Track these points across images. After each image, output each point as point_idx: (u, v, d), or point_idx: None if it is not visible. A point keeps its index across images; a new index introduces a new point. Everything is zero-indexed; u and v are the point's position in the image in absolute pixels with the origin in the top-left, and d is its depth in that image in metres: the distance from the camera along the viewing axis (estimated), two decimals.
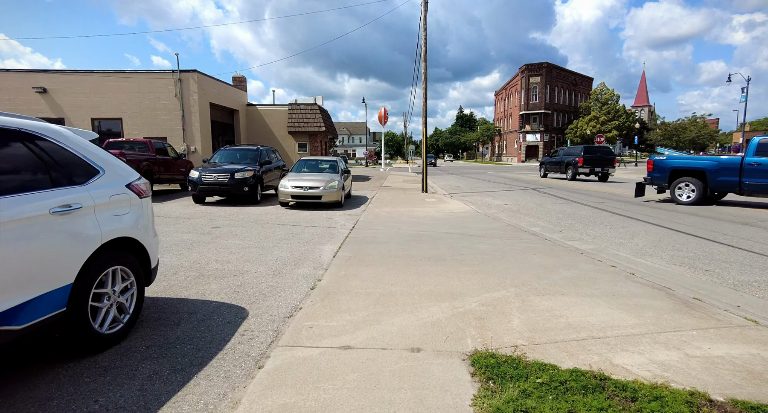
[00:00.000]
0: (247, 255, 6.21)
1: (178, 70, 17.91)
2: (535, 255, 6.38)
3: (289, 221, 9.52)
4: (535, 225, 9.22)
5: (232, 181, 11.87)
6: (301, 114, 23.50)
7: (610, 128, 59.48)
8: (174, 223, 8.94)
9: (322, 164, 13.58)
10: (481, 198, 15.43)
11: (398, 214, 10.79)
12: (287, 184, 11.56)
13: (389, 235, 7.94)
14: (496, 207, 12.49)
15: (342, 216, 10.52)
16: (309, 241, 7.33)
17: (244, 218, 9.83)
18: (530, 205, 12.93)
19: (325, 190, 11.48)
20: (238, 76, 26.55)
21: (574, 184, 22.06)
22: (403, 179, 26.43)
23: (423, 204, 13.13)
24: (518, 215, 10.99)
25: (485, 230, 8.52)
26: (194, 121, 18.26)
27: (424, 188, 17.35)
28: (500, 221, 9.73)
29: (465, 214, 10.84)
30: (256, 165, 12.95)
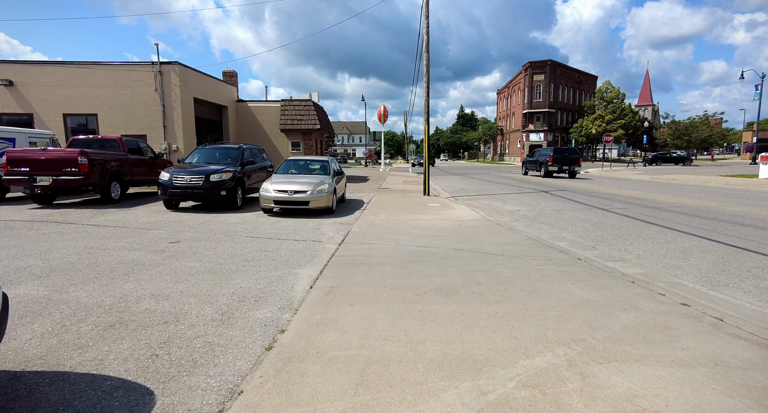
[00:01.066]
0: (197, 286, 4.72)
1: (158, 62, 16.42)
2: (575, 284, 4.89)
3: (267, 233, 8.04)
4: (561, 238, 7.74)
5: (207, 183, 10.39)
6: (295, 110, 22.01)
7: (615, 127, 57.91)
8: (127, 236, 7.45)
9: (311, 165, 12.09)
10: (489, 202, 13.94)
11: (397, 223, 9.30)
12: (269, 188, 10.08)
13: (385, 252, 6.46)
14: (509, 214, 11.00)
15: (332, 225, 9.04)
16: (284, 262, 5.85)
17: (214, 229, 8.35)
18: (547, 211, 11.43)
19: (314, 195, 9.99)
20: (229, 71, 25.06)
21: (586, 185, 20.57)
22: (403, 180, 24.95)
23: (425, 209, 11.64)
24: (536, 224, 9.50)
25: (502, 246, 7.03)
26: (176, 118, 16.78)
27: (426, 190, 15.87)
28: (518, 233, 8.24)
29: (474, 223, 9.35)
30: (237, 165, 11.46)
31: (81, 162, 10.50)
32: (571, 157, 26.86)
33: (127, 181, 12.45)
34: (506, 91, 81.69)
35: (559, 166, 26.74)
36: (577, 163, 26.80)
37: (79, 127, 16.72)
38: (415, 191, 17.58)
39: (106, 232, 7.74)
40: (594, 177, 29.01)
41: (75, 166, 10.48)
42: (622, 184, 21.24)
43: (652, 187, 18.96)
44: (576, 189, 18.50)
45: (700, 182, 21.69)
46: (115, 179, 11.76)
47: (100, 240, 7.01)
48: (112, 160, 11.75)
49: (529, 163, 30.61)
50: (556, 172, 27.14)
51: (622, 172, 33.60)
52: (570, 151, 27.64)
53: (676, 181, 23.21)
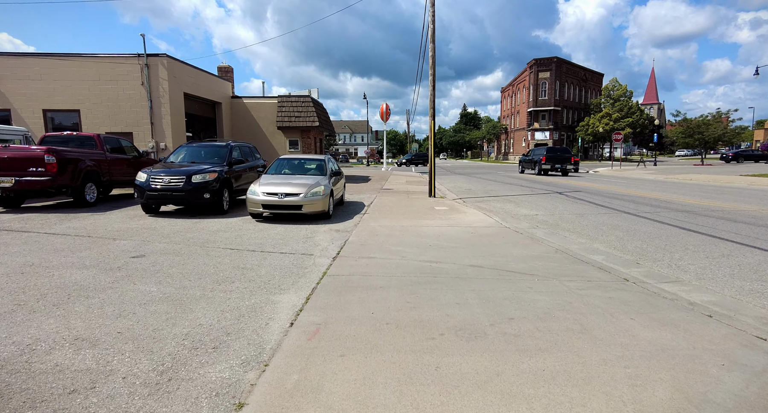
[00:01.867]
0: (143, 323, 3.61)
1: (144, 54, 15.32)
2: (635, 319, 3.76)
3: (251, 243, 6.92)
4: (594, 251, 6.59)
5: (188, 185, 9.27)
6: (292, 107, 20.90)
7: (623, 125, 56.53)
8: (84, 249, 6.35)
9: (306, 164, 10.96)
10: (501, 205, 12.79)
11: (401, 230, 8.17)
12: (257, 190, 8.96)
13: (388, 270, 5.33)
14: (527, 219, 9.85)
15: (327, 233, 7.92)
16: (263, 285, 4.73)
17: (191, 238, 7.24)
18: (568, 216, 10.28)
19: (307, 198, 8.87)
20: (224, 66, 23.99)
21: (602, 186, 19.38)
22: (406, 180, 23.82)
23: (432, 214, 10.50)
24: (560, 231, 8.36)
25: (528, 261, 5.89)
26: (164, 114, 15.69)
27: (432, 192, 14.73)
28: (542, 243, 7.09)
29: (490, 231, 8.21)
30: (224, 165, 10.36)
31: (48, 161, 9.41)
32: (563, 156, 28.63)
33: (105, 182, 11.36)
34: (510, 89, 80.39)
35: (552, 164, 28.26)
36: (569, 161, 28.57)
37: (60, 124, 15.64)
38: (420, 192, 16.44)
39: (62, 243, 6.64)
40: (604, 176, 27.81)
41: (41, 166, 9.40)
42: (640, 185, 20.03)
43: (673, 188, 17.77)
44: (593, 190, 17.32)
45: (722, 182, 20.47)
46: (90, 180, 10.67)
47: (48, 255, 5.90)
48: (87, 159, 10.65)
49: (525, 161, 32.05)
50: (550, 169, 28.60)
51: (634, 172, 32.37)
52: (562, 151, 29.71)
53: (694, 181, 22.00)
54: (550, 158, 28.45)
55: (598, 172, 34.63)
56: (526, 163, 32.01)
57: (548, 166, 28.45)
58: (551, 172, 29.35)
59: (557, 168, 28.43)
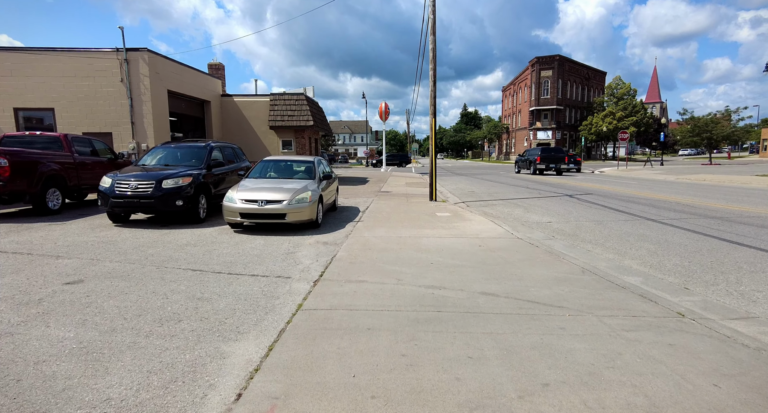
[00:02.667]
0: (21, 400, 2.54)
1: (123, 49, 14.26)
2: (720, 387, 2.68)
3: (220, 262, 5.85)
4: (628, 270, 5.52)
5: (158, 192, 8.20)
6: (285, 105, 19.82)
7: (627, 124, 55.39)
8: (12, 271, 5.28)
9: (293, 166, 9.89)
10: (509, 209, 11.71)
11: (398, 243, 7.10)
12: (235, 197, 7.89)
13: (380, 301, 4.26)
14: (540, 228, 8.78)
15: (312, 246, 6.85)
16: (216, 325, 3.66)
17: (150, 255, 6.17)
18: (586, 224, 9.20)
19: (292, 205, 7.80)
20: (215, 63, 22.93)
21: (614, 188, 18.28)
22: (405, 181, 22.74)
23: (434, 221, 9.43)
24: (580, 243, 7.29)
25: (552, 285, 4.82)
26: (146, 113, 14.62)
27: (433, 195, 13.65)
28: (563, 260, 6.01)
29: (500, 243, 7.13)
30: (201, 167, 9.30)
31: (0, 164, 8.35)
32: (557, 156, 29.44)
33: (72, 187, 10.29)
34: (512, 88, 79.28)
35: (546, 164, 29.01)
36: (563, 161, 29.36)
37: (33, 124, 14.57)
38: (420, 195, 15.36)
39: None
40: (611, 177, 26.73)
41: None
42: (652, 186, 18.94)
43: (690, 190, 16.68)
44: (604, 192, 16.23)
45: (738, 183, 19.37)
46: (53, 185, 9.60)
47: None
48: (50, 161, 9.59)
49: (521, 161, 32.72)
50: (545, 169, 29.26)
51: (641, 172, 31.27)
52: (556, 151, 30.65)
53: (708, 181, 20.90)
54: (545, 158, 29.17)
55: (603, 172, 33.54)
56: (521, 163, 32.58)
57: (543, 166, 29.10)
58: (546, 172, 29.95)
59: (552, 167, 29.12)
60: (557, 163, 29.20)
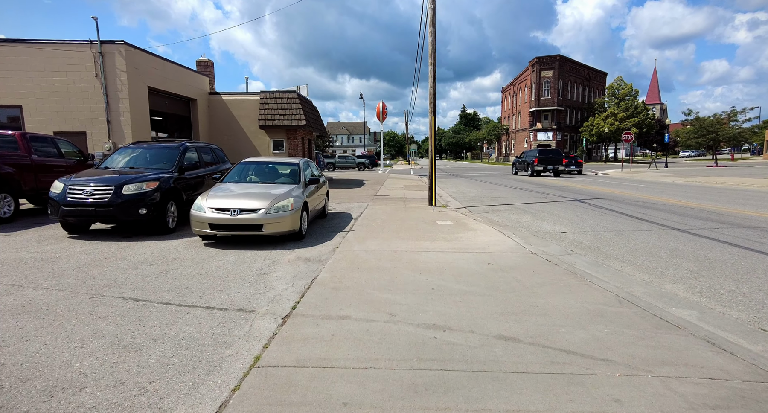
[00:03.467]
0: None
1: (98, 41, 13.18)
2: None
3: (173, 287, 4.78)
4: (674, 299, 4.47)
5: (117, 198, 7.13)
6: (276, 104, 18.75)
7: (629, 126, 54.42)
8: None
9: (276, 169, 8.82)
10: (516, 216, 10.66)
11: (393, 259, 6.04)
12: (204, 205, 6.82)
13: (364, 351, 3.21)
14: (554, 239, 7.73)
15: (291, 265, 5.79)
16: (127, 401, 2.59)
17: (91, 278, 5.09)
18: (605, 235, 8.15)
19: (270, 215, 6.73)
20: (204, 60, 21.88)
21: (624, 192, 17.26)
22: (403, 184, 21.69)
23: (434, 231, 8.38)
24: (606, 260, 6.24)
25: (585, 322, 3.76)
26: (123, 111, 13.55)
27: (433, 200, 12.59)
28: (590, 283, 4.96)
29: (513, 259, 6.08)
30: (171, 170, 8.24)
31: None
32: (555, 158, 29.30)
33: (29, 192, 9.22)
34: (512, 89, 78.36)
35: (544, 165, 28.89)
36: (561, 163, 29.27)
37: None
38: (418, 199, 14.31)
39: None
40: (617, 179, 25.73)
41: None
42: (664, 190, 17.91)
43: (705, 193, 15.66)
44: (615, 197, 15.20)
45: (754, 186, 18.35)
46: (5, 190, 8.52)
47: None
48: (1, 163, 8.50)
49: (518, 163, 32.72)
50: (542, 171, 29.19)
51: (647, 174, 30.27)
52: (554, 152, 30.34)
53: (721, 184, 19.89)
54: (542, 160, 29.10)
55: (607, 174, 32.57)
56: (519, 165, 32.63)
57: (540, 168, 29.03)
58: (543, 174, 29.86)
59: (549, 169, 29.10)
60: (555, 165, 29.16)
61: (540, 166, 29.02)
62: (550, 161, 29.13)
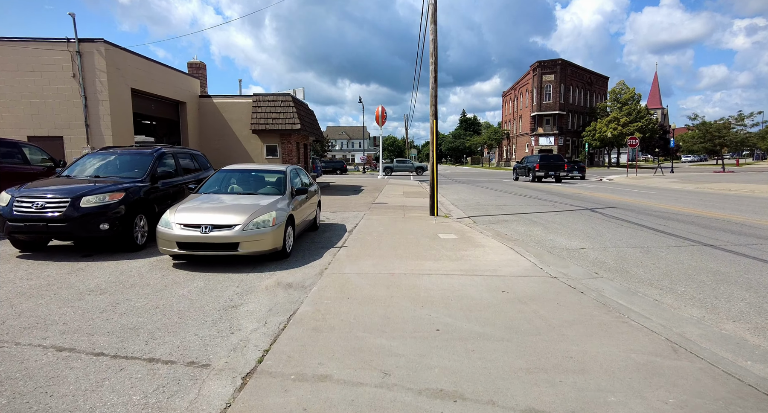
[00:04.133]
0: None
1: (75, 39, 12.33)
2: None
3: (115, 327, 3.86)
4: (749, 347, 3.57)
5: (74, 212, 6.22)
6: (270, 107, 17.89)
7: (632, 130, 53.59)
8: None
9: (259, 177, 7.90)
10: (525, 228, 9.75)
11: (390, 286, 5.13)
12: (171, 220, 5.91)
13: None
14: (573, 258, 6.81)
15: (267, 294, 4.88)
16: None
17: (15, 315, 4.18)
18: (629, 252, 7.23)
19: (248, 231, 5.82)
20: (195, 62, 21.04)
21: (636, 200, 16.36)
22: (403, 191, 20.80)
23: (437, 247, 7.46)
24: (639, 286, 5.33)
25: (644, 388, 2.84)
26: (103, 114, 12.67)
27: (434, 209, 11.68)
28: (632, 321, 4.04)
29: (530, 286, 5.16)
30: (141, 180, 7.34)
31: None
32: (556, 163, 28.97)
33: None
34: (512, 93, 77.68)
35: (545, 171, 28.63)
36: (562, 168, 28.92)
37: None
38: (418, 208, 13.41)
39: None
40: (624, 185, 24.84)
41: None
42: (678, 198, 17.00)
43: (723, 201, 14.76)
44: (627, 206, 14.29)
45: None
46: None
47: None
48: None
49: (519, 168, 32.38)
50: (543, 177, 28.89)
51: (653, 180, 29.37)
52: (556, 158, 30.13)
53: (735, 192, 19.00)
54: (544, 165, 28.84)
55: (612, 180, 31.67)
56: (520, 170, 32.26)
57: (542, 173, 28.75)
58: (545, 179, 29.54)
59: (551, 175, 28.79)
60: (556, 171, 28.81)
61: (541, 172, 28.78)
62: (552, 167, 28.86)
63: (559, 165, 29.02)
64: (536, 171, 28.78)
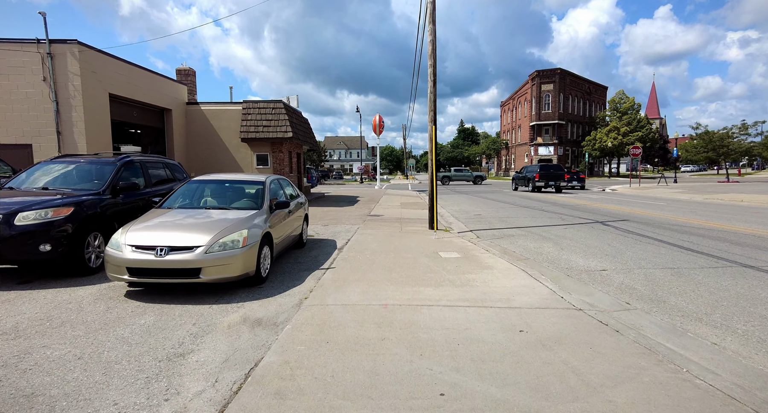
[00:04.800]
0: None
1: (46, 40, 11.47)
2: None
3: (8, 394, 2.88)
4: None
5: (6, 231, 5.26)
6: (260, 114, 17.01)
7: (633, 140, 52.96)
8: None
9: (237, 189, 6.94)
10: (535, 244, 8.80)
11: (382, 325, 4.16)
12: (120, 241, 4.96)
13: None
14: (595, 281, 5.86)
15: (229, 334, 3.91)
16: None
17: None
18: (659, 274, 6.28)
19: (212, 254, 4.86)
20: (184, 69, 20.24)
21: (647, 212, 15.44)
22: (400, 202, 19.87)
23: (437, 269, 6.50)
24: (684, 320, 4.37)
25: None
26: (77, 121, 11.76)
27: (434, 223, 10.73)
28: (696, 381, 3.08)
29: (554, 324, 4.20)
30: (99, 192, 6.39)
31: None
32: (556, 174, 28.38)
33: None
34: (511, 103, 77.28)
35: (545, 181, 28.11)
36: (562, 178, 28.36)
37: None
38: (417, 220, 12.46)
39: None
40: (630, 196, 23.96)
41: None
42: (693, 209, 16.11)
43: (741, 214, 13.87)
44: (641, 218, 13.37)
45: None
46: None
47: None
48: None
49: (518, 179, 31.86)
50: (543, 187, 28.41)
51: (658, 190, 28.53)
52: (556, 168, 29.52)
53: (747, 203, 18.12)
54: (544, 175, 28.37)
55: (615, 190, 30.81)
56: (519, 180, 31.83)
57: (542, 183, 28.27)
58: (544, 189, 29.09)
59: (551, 185, 28.37)
60: (557, 181, 28.34)
61: (541, 182, 28.34)
62: (552, 177, 28.43)
63: (559, 175, 28.59)
64: (536, 181, 28.36)
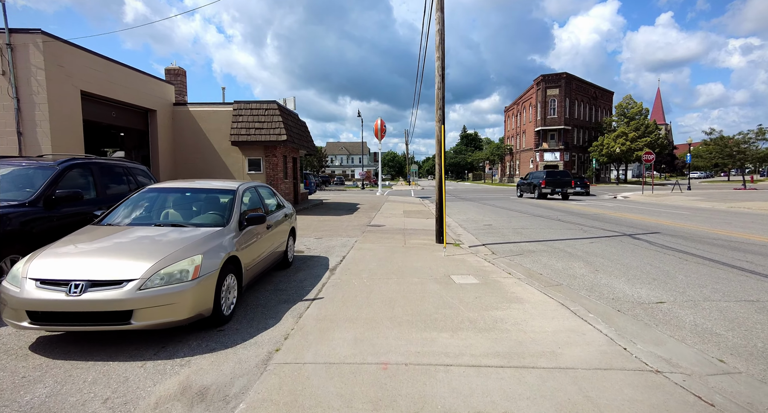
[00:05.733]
0: None
1: (5, 29, 10.23)
2: None
3: None
4: None
5: None
6: (252, 116, 15.74)
7: (641, 145, 51.57)
8: None
9: (202, 200, 5.59)
10: (562, 264, 7.43)
11: (377, 406, 2.81)
12: (20, 273, 3.62)
13: None
14: (657, 321, 4.50)
15: None
16: None
17: None
18: (741, 311, 4.91)
19: (148, 290, 3.53)
20: (174, 68, 19.00)
21: (676, 222, 14.04)
22: (403, 209, 18.53)
23: (453, 303, 5.16)
24: None
25: None
26: (40, 120, 10.49)
27: (442, 236, 9.37)
28: None
29: (630, 403, 2.82)
30: (28, 203, 5.08)
31: None
32: (563, 180, 27.47)
33: None
34: (515, 108, 76.04)
35: (552, 188, 27.16)
36: (569, 185, 27.50)
37: None
38: (422, 232, 11.12)
39: None
40: (646, 204, 22.57)
41: None
42: (723, 219, 14.72)
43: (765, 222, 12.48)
44: (671, 230, 11.99)
45: None
46: None
47: None
48: None
49: (524, 185, 30.81)
50: (550, 193, 27.45)
51: (673, 198, 27.10)
52: (562, 174, 28.62)
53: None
54: (550, 182, 27.31)
55: (628, 197, 29.38)
56: (524, 187, 30.67)
57: (548, 190, 27.23)
58: (550, 196, 28.01)
59: (557, 191, 27.30)
60: (563, 187, 27.23)
61: (548, 189, 27.26)
62: (559, 183, 27.35)
63: (566, 181, 27.57)
64: (542, 187, 27.29)
